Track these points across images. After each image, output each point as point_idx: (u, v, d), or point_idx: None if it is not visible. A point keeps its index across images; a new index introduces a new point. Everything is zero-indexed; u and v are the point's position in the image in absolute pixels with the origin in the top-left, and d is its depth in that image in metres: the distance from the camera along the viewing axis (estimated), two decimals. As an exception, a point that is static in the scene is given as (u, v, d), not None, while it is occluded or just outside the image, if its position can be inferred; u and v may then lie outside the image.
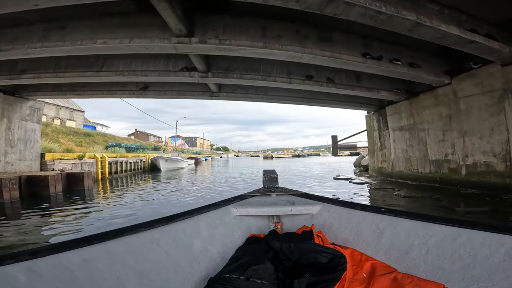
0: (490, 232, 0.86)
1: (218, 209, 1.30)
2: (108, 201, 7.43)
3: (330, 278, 0.89)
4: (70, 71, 6.72)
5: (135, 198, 7.59)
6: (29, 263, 0.73)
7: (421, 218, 1.02)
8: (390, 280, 0.89)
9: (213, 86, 7.94)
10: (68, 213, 5.64)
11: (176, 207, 6.18)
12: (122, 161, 14.54)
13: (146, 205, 6.50)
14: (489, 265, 0.81)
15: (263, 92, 8.75)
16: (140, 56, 6.62)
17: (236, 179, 12.86)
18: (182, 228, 1.12)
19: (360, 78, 7.89)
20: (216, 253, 1.14)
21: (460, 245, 0.89)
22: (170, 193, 8.55)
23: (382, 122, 9.78)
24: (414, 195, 6.12)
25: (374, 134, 10.38)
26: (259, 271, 0.91)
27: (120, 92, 8.48)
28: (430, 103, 7.41)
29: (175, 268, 0.99)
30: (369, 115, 10.74)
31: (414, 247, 0.98)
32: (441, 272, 0.88)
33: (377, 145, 10.15)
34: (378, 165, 10.05)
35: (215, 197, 7.24)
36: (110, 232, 0.95)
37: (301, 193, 1.44)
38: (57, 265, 0.77)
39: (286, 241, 1.09)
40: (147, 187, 10.37)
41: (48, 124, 22.16)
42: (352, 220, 1.20)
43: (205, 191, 8.68)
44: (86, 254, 0.85)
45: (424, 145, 7.66)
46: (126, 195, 8.28)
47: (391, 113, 9.20)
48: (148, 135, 56.11)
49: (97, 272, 0.83)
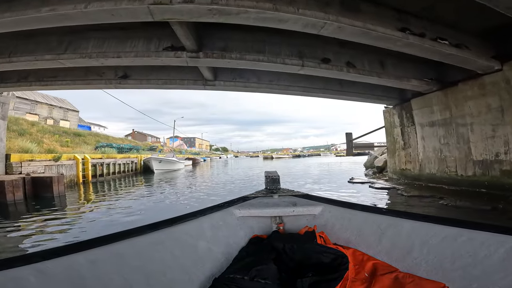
0: (490, 232, 0.85)
1: (221, 211, 1.29)
2: (78, 211, 6.06)
3: (332, 278, 0.90)
4: (26, 55, 5.37)
5: (114, 208, 6.22)
6: (39, 265, 0.74)
7: (421, 218, 1.02)
8: (392, 280, 0.89)
9: (207, 73, 6.54)
10: (10, 229, 4.29)
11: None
12: (109, 162, 13.13)
13: (122, 217, 5.12)
14: (489, 264, 0.81)
15: (267, 81, 7.36)
16: (115, 36, 5.28)
17: (237, 185, 11.47)
18: (186, 230, 1.11)
19: (384, 65, 6.55)
20: (220, 254, 1.15)
21: (461, 245, 0.89)
22: (157, 202, 7.17)
23: (406, 117, 8.41)
24: (469, 205, 4.73)
25: (394, 131, 9.00)
26: (262, 271, 0.91)
27: (96, 82, 7.06)
28: (474, 93, 6.03)
29: (180, 268, 1.00)
30: (388, 110, 9.37)
31: (415, 247, 0.98)
32: (441, 272, 0.88)
33: (399, 144, 8.78)
34: (400, 167, 8.68)
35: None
36: (117, 234, 0.94)
37: (303, 194, 1.44)
38: (66, 267, 0.78)
39: (289, 242, 1.10)
40: (134, 192, 8.98)
41: (34, 124, 20.91)
42: (354, 221, 1.20)
43: (201, 199, 7.30)
44: (94, 255, 0.85)
45: (466, 142, 6.28)
46: (105, 203, 6.91)
47: (418, 107, 7.83)
48: (145, 135, 55.01)
49: (105, 273, 0.84)
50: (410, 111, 8.18)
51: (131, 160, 15.99)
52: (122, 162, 14.71)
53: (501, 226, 0.85)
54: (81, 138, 23.18)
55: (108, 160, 13.13)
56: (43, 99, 33.91)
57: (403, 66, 6.68)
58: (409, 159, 8.30)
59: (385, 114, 9.57)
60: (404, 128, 8.52)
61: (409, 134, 8.31)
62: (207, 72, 6.53)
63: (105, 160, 12.80)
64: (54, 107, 34.50)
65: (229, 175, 16.20)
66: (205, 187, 10.37)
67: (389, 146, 9.35)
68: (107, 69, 6.99)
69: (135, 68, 6.95)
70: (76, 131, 26.07)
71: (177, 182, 12.22)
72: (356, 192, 7.47)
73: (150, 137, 56.01)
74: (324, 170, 17.68)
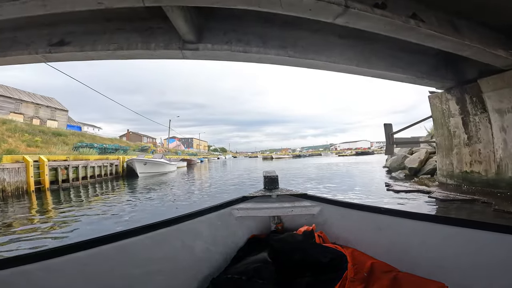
0: (490, 231, 0.83)
1: (219, 211, 1.27)
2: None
3: (331, 278, 0.89)
4: None
5: (42, 232, 3.86)
6: (47, 262, 0.77)
7: (421, 218, 1.00)
8: (391, 279, 0.88)
9: (184, 28, 4.12)
10: None
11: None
12: (77, 165, 10.69)
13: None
14: (489, 264, 0.81)
15: (278, 45, 4.96)
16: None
17: (239, 190, 9.08)
18: (184, 230, 1.10)
19: (457, 27, 4.26)
20: (218, 254, 1.14)
21: (460, 245, 0.88)
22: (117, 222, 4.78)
23: (472, 103, 6.04)
24: None
25: (451, 122, 6.61)
26: (261, 271, 0.89)
27: (18, 52, 4.64)
28: None
29: (178, 268, 1.00)
30: (438, 95, 6.99)
31: (414, 246, 0.97)
32: (441, 271, 0.87)
33: (459, 139, 6.40)
34: (462, 168, 6.29)
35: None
36: (116, 233, 0.92)
37: (302, 193, 1.41)
38: (69, 265, 0.79)
39: (287, 242, 1.10)
40: (96, 205, 6.59)
41: (4, 121, 18.58)
42: (353, 220, 1.18)
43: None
44: (93, 255, 0.85)
45: None
46: (39, 225, 4.55)
47: (493, 88, 5.47)
48: (141, 136, 52.84)
49: (104, 273, 0.84)
50: (478, 94, 5.81)
51: (109, 162, 13.54)
52: (98, 164, 12.27)
53: (501, 225, 0.82)
54: (60, 138, 20.82)
55: (76, 163, 10.68)
56: (29, 97, 31.94)
57: (479, 32, 4.43)
58: (477, 158, 5.92)
59: (433, 100, 7.17)
60: (469, 117, 6.13)
61: (478, 124, 5.93)
62: (185, 27, 4.10)
63: (71, 163, 10.35)
64: (40, 106, 32.56)
65: (229, 179, 13.80)
66: (198, 198, 7.97)
67: (440, 141, 6.95)
68: (39, 35, 4.62)
69: (77, 32, 4.59)
70: (56, 130, 23.72)
71: (162, 190, 9.80)
72: (417, 205, 5.10)
73: (146, 138, 53.74)
74: (338, 172, 15.27)
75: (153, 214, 5.61)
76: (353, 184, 9.20)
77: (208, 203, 1.38)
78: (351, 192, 7.40)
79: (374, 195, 6.58)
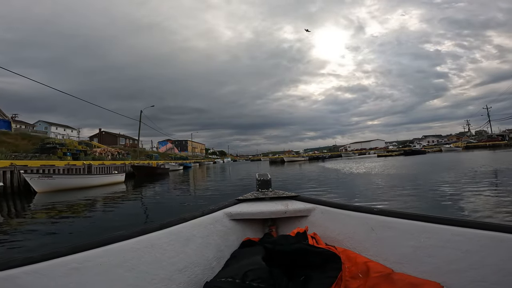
0: (488, 231, 0.82)
1: (212, 214, 1.29)
2: None
3: (325, 279, 0.90)
4: None
5: None
6: (35, 266, 0.75)
7: (415, 217, 0.99)
8: (386, 280, 0.87)
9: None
10: None
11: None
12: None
13: None
14: (486, 264, 0.79)
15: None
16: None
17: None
18: (176, 233, 1.09)
19: None
20: (211, 258, 1.14)
21: (456, 244, 0.86)
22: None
23: None
24: None
25: None
26: (254, 274, 0.88)
27: None
28: None
29: (170, 273, 0.98)
30: None
31: (409, 246, 0.96)
32: (437, 271, 0.86)
33: None
34: None
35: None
36: (107, 238, 0.91)
37: (295, 195, 1.45)
38: (58, 269, 0.77)
39: (281, 244, 1.12)
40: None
41: None
42: (346, 221, 1.18)
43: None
44: (79, 260, 0.81)
45: None
46: None
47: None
48: (116, 136, 46.61)
49: (90, 278, 0.80)
50: None
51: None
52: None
53: (499, 225, 0.81)
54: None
55: None
56: None
57: None
58: None
59: None
60: None
61: None
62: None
63: None
64: None
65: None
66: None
67: None
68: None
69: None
70: None
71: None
72: None
73: (123, 138, 47.71)
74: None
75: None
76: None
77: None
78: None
79: None
